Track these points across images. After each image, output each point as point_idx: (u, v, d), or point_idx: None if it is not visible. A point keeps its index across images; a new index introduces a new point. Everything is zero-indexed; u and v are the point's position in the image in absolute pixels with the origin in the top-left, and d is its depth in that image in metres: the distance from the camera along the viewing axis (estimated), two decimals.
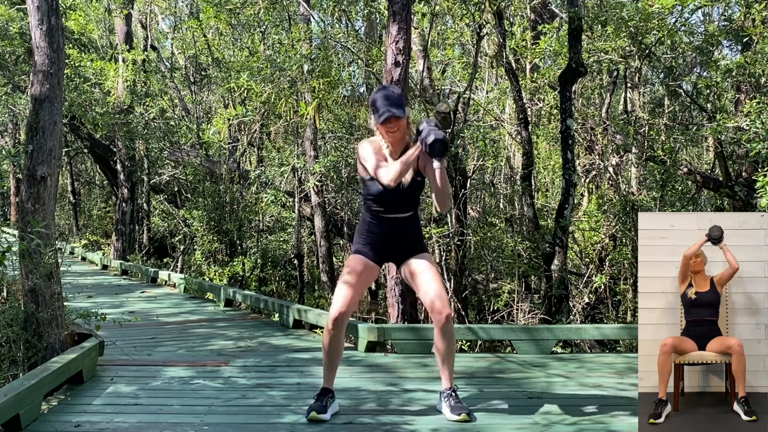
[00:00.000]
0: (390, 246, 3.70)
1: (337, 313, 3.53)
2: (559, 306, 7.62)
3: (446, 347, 3.58)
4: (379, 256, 3.72)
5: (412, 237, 3.72)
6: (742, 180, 8.88)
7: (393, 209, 3.63)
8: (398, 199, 3.61)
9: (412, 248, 3.70)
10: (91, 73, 14.34)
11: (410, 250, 3.70)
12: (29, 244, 4.25)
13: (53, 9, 4.53)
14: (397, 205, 3.63)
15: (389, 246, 3.70)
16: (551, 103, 10.53)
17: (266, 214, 12.23)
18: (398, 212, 3.65)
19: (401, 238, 3.70)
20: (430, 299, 3.55)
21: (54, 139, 4.48)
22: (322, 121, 9.94)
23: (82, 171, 24.30)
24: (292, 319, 6.58)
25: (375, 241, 3.69)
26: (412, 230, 3.72)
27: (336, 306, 3.56)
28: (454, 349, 3.63)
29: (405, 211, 3.67)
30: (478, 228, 9.15)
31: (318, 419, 3.49)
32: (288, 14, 10.84)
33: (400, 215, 3.66)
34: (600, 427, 3.43)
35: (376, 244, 3.69)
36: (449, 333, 3.55)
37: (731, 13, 10.30)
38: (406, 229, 3.69)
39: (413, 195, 3.66)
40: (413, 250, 3.69)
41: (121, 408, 3.80)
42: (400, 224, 3.68)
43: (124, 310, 7.79)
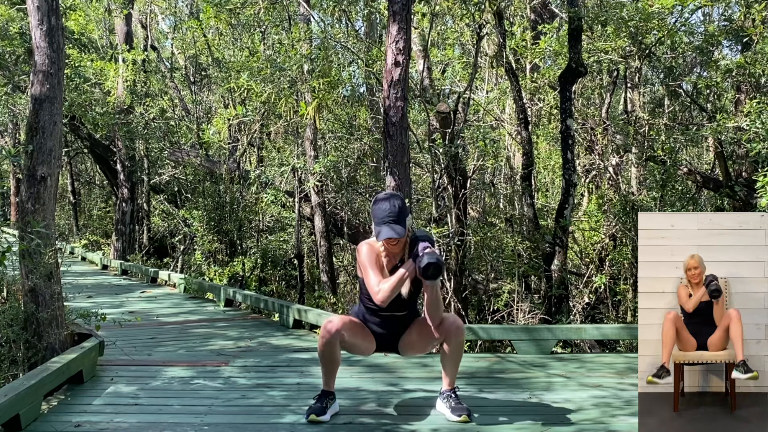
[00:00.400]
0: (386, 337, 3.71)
1: (335, 327, 3.52)
2: (559, 306, 7.61)
3: (455, 357, 3.60)
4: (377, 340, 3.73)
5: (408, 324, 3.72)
6: (742, 180, 8.88)
7: (389, 309, 3.63)
8: (395, 302, 3.58)
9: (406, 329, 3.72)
10: (91, 73, 14.33)
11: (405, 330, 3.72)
12: (29, 244, 4.25)
13: (53, 9, 4.53)
14: (393, 306, 3.61)
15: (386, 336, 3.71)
16: (551, 103, 10.53)
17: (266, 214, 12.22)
18: (394, 311, 3.65)
19: (397, 331, 3.71)
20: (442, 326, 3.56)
21: (54, 139, 4.49)
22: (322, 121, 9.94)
23: (82, 171, 24.30)
24: (292, 319, 6.58)
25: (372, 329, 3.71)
26: (408, 322, 3.72)
27: (336, 321, 3.55)
28: (461, 359, 3.64)
29: (401, 311, 3.66)
30: (478, 228, 9.14)
31: (317, 421, 3.48)
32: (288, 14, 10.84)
33: (397, 314, 3.66)
34: (600, 427, 3.44)
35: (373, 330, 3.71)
36: (460, 344, 3.58)
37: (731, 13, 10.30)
38: (402, 324, 3.71)
39: (410, 300, 3.66)
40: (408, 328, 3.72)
41: (121, 408, 3.80)
42: (397, 321, 3.69)
43: (124, 310, 7.79)
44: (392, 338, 3.71)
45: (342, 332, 3.52)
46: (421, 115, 11.51)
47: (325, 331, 3.52)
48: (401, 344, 3.72)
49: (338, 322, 3.53)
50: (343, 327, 3.53)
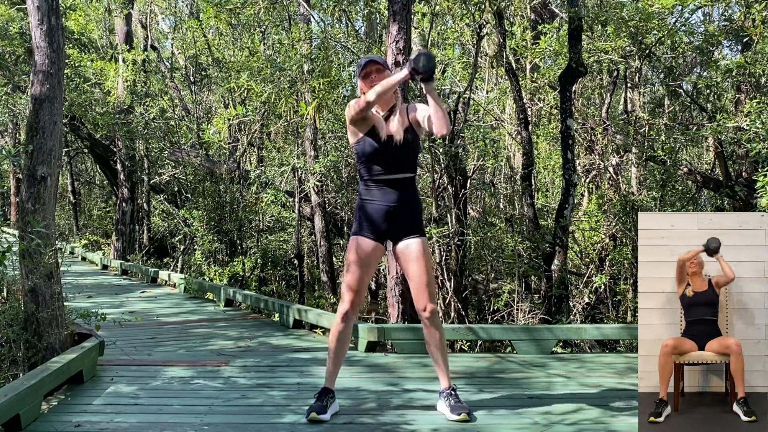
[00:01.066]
0: (389, 218, 3.58)
1: (346, 308, 3.57)
2: (559, 306, 7.62)
3: (437, 341, 3.58)
4: (379, 234, 3.62)
5: (412, 212, 3.62)
6: (742, 180, 8.88)
7: (390, 168, 3.56)
8: (393, 156, 3.54)
9: (410, 227, 3.61)
10: (91, 73, 14.34)
11: (408, 229, 3.61)
12: (29, 244, 4.25)
13: (53, 9, 4.53)
14: (393, 163, 3.55)
15: (388, 218, 3.58)
16: (551, 103, 10.53)
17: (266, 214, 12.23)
18: (396, 172, 3.58)
19: (401, 210, 3.59)
20: (416, 292, 3.57)
21: (54, 139, 4.49)
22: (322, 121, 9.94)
23: (82, 171, 24.31)
24: (292, 319, 6.58)
25: (374, 216, 3.59)
26: (412, 202, 3.62)
27: (344, 301, 3.59)
28: (445, 344, 3.63)
29: (403, 171, 3.59)
30: (478, 228, 9.14)
31: (318, 420, 3.49)
32: (288, 14, 10.85)
33: (399, 176, 3.58)
34: (600, 427, 3.43)
35: (375, 220, 3.59)
36: (436, 326, 3.57)
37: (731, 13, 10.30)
38: (405, 196, 3.60)
39: (410, 152, 3.60)
40: (411, 230, 3.61)
41: (121, 408, 3.80)
42: (400, 188, 3.59)
43: (124, 310, 7.79)
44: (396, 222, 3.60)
45: (355, 303, 3.58)
46: None
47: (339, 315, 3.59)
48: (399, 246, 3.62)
49: (348, 299, 3.58)
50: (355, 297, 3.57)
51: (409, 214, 3.62)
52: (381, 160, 3.56)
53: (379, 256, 3.70)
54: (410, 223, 3.62)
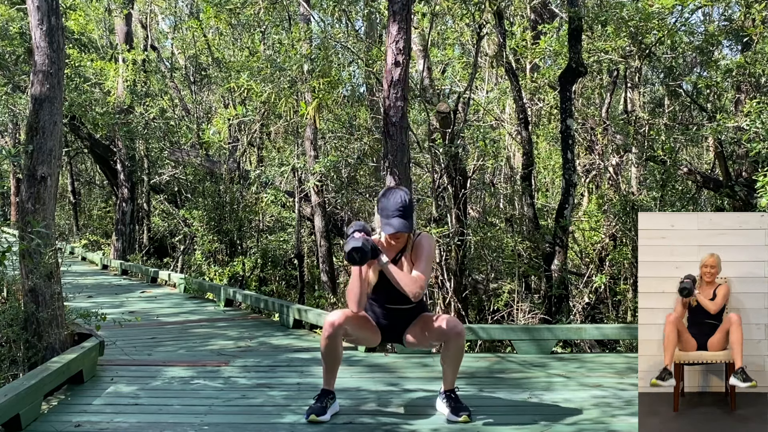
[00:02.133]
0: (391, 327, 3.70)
1: (335, 319, 3.53)
2: (559, 306, 7.61)
3: (455, 359, 3.58)
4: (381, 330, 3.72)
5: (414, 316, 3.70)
6: (742, 180, 8.88)
7: (394, 302, 3.62)
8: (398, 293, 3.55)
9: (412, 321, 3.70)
10: (91, 73, 14.33)
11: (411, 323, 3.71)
12: (29, 244, 4.25)
13: (53, 9, 4.53)
14: (398, 298, 3.59)
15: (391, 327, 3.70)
16: (551, 103, 10.53)
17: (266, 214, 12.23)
18: (399, 305, 3.64)
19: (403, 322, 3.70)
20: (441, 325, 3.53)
21: (54, 139, 4.49)
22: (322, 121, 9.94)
23: (82, 171, 24.30)
24: (292, 319, 6.58)
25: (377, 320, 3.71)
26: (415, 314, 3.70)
27: (336, 314, 3.56)
28: (461, 361, 3.63)
29: (407, 304, 3.63)
30: (478, 228, 9.14)
31: (317, 421, 3.48)
32: (288, 14, 10.84)
33: (403, 307, 3.65)
34: (600, 427, 3.43)
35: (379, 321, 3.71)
36: (461, 347, 3.56)
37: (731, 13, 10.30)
38: (408, 318, 3.69)
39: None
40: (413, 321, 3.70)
41: (121, 408, 3.80)
42: (402, 314, 3.68)
43: (124, 310, 7.79)
44: (397, 330, 3.70)
45: (344, 326, 3.53)
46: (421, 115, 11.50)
47: (327, 325, 3.52)
48: (406, 337, 3.71)
49: (340, 316, 3.53)
50: (346, 321, 3.53)
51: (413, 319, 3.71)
52: (387, 295, 3.62)
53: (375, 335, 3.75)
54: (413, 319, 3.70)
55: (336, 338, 3.53)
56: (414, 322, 3.69)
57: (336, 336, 3.52)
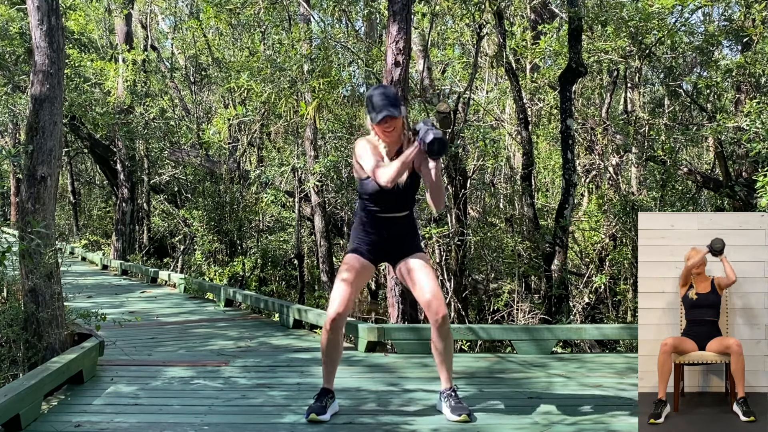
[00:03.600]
0: (386, 245, 3.68)
1: (335, 314, 3.52)
2: (559, 306, 7.61)
3: (444, 347, 3.57)
4: (374, 255, 3.70)
5: (408, 237, 3.69)
6: (742, 180, 8.88)
7: (389, 209, 3.62)
8: (394, 198, 3.58)
9: (407, 248, 3.68)
10: (91, 73, 14.34)
11: (406, 249, 3.68)
12: (29, 244, 4.25)
13: (53, 9, 4.53)
14: (392, 204, 3.61)
15: (385, 245, 3.68)
16: (551, 103, 10.53)
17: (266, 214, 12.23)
18: (394, 211, 3.63)
19: (397, 238, 3.67)
20: (426, 299, 3.53)
21: (54, 139, 4.48)
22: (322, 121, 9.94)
23: (82, 171, 24.31)
24: (292, 319, 6.58)
25: (371, 241, 3.67)
26: (408, 230, 3.70)
27: (333, 307, 3.54)
28: (452, 349, 3.62)
29: (401, 211, 3.65)
30: (478, 228, 9.14)
31: (317, 420, 3.48)
32: (288, 14, 10.84)
33: (396, 214, 3.64)
34: (600, 427, 3.43)
35: (371, 243, 3.67)
36: (446, 332, 3.55)
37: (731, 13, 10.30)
38: (401, 228, 3.68)
39: (409, 194, 3.65)
40: (409, 250, 3.67)
41: (121, 408, 3.80)
42: (396, 224, 3.66)
43: (124, 310, 7.79)
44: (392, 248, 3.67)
45: (344, 313, 3.54)
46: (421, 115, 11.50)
47: (328, 321, 3.54)
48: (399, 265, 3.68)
49: (338, 306, 3.52)
50: (343, 306, 3.52)
51: (405, 240, 3.69)
52: (381, 201, 3.60)
53: (371, 273, 3.77)
54: (406, 247, 3.68)
55: (338, 331, 3.54)
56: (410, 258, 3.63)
57: (338, 329, 3.53)
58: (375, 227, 3.66)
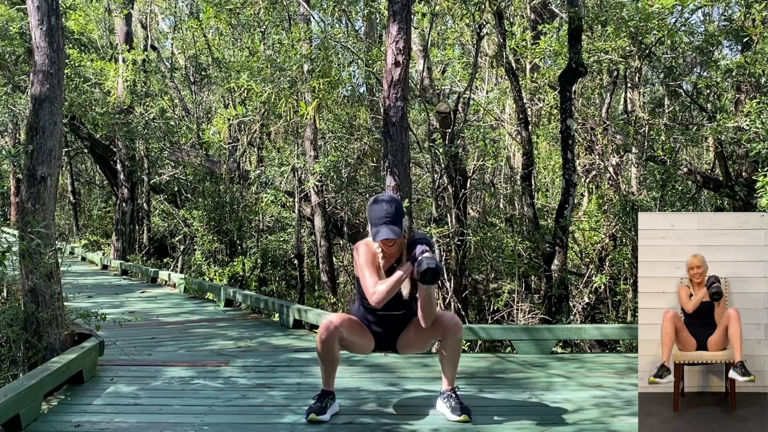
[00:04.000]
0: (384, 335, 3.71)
1: (332, 322, 3.53)
2: (559, 306, 7.61)
3: (453, 355, 3.59)
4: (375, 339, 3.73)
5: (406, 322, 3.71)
6: (742, 180, 8.88)
7: (386, 309, 3.62)
8: (392, 300, 3.56)
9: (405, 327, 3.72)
10: (91, 73, 14.34)
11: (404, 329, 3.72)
12: (29, 244, 4.25)
13: (53, 9, 4.53)
14: (390, 305, 3.60)
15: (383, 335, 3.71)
16: (551, 103, 10.53)
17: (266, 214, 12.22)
18: (391, 311, 3.65)
19: (395, 329, 3.71)
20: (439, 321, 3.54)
21: (54, 139, 4.49)
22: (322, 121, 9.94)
23: (82, 171, 24.30)
24: (292, 319, 6.58)
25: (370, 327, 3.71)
26: (406, 320, 3.71)
27: (333, 317, 3.57)
28: (459, 357, 3.64)
29: (398, 310, 3.66)
30: (478, 228, 9.14)
31: (317, 420, 3.49)
32: (288, 14, 10.84)
33: (394, 313, 3.66)
34: (600, 427, 3.43)
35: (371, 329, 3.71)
36: (458, 342, 3.57)
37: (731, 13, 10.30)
38: (399, 322, 3.70)
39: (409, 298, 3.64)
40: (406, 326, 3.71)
41: (121, 408, 3.80)
42: (394, 320, 3.69)
43: (124, 310, 7.79)
44: (391, 337, 3.72)
45: (340, 329, 3.53)
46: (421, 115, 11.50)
47: (324, 328, 3.53)
48: (399, 343, 3.73)
49: (337, 320, 3.54)
50: (342, 324, 3.54)
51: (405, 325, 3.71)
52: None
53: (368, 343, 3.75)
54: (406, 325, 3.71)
55: (331, 341, 3.53)
56: (407, 327, 3.70)
57: (331, 339, 3.52)
58: (373, 320, 3.69)
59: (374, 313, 3.65)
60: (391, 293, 3.46)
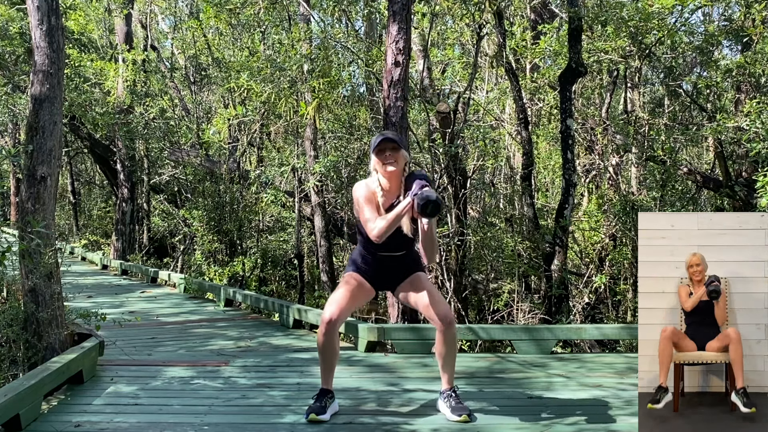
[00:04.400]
0: (384, 277, 3.71)
1: (330, 316, 3.53)
2: (559, 306, 7.61)
3: (449, 351, 3.58)
4: (374, 283, 3.73)
5: (407, 267, 3.71)
6: (742, 180, 8.88)
7: (387, 249, 3.63)
8: (393, 240, 3.57)
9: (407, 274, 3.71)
10: (91, 73, 14.34)
11: (405, 276, 3.71)
12: (29, 244, 4.25)
13: (53, 9, 4.53)
14: (391, 245, 3.61)
15: (383, 277, 3.71)
16: (551, 103, 10.53)
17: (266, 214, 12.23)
18: (392, 251, 3.65)
19: (395, 272, 3.71)
20: (432, 307, 3.54)
21: (54, 139, 4.49)
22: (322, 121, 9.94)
23: (82, 171, 24.31)
24: (292, 319, 6.58)
25: (369, 271, 3.70)
26: (409, 263, 3.72)
27: (329, 310, 3.55)
28: (456, 353, 3.63)
29: (399, 250, 3.66)
30: (478, 228, 9.14)
31: (317, 420, 3.49)
32: (288, 14, 10.84)
33: (394, 254, 3.66)
34: (600, 427, 3.43)
35: (370, 273, 3.70)
36: (452, 337, 3.56)
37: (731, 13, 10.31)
38: (399, 265, 3.70)
39: (408, 237, 3.64)
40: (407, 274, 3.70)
41: (121, 408, 3.80)
42: (394, 261, 3.69)
43: (124, 310, 7.79)
44: (391, 279, 3.71)
45: (339, 319, 3.54)
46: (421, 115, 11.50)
47: (323, 324, 3.54)
48: (398, 291, 3.73)
49: (334, 311, 3.52)
50: (339, 312, 3.53)
51: (403, 271, 3.71)
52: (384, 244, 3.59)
53: (371, 295, 3.78)
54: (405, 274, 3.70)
55: (333, 334, 3.54)
56: (408, 279, 3.67)
57: (333, 332, 3.53)
58: (372, 263, 3.69)
59: (375, 255, 3.65)
60: (392, 228, 3.45)
